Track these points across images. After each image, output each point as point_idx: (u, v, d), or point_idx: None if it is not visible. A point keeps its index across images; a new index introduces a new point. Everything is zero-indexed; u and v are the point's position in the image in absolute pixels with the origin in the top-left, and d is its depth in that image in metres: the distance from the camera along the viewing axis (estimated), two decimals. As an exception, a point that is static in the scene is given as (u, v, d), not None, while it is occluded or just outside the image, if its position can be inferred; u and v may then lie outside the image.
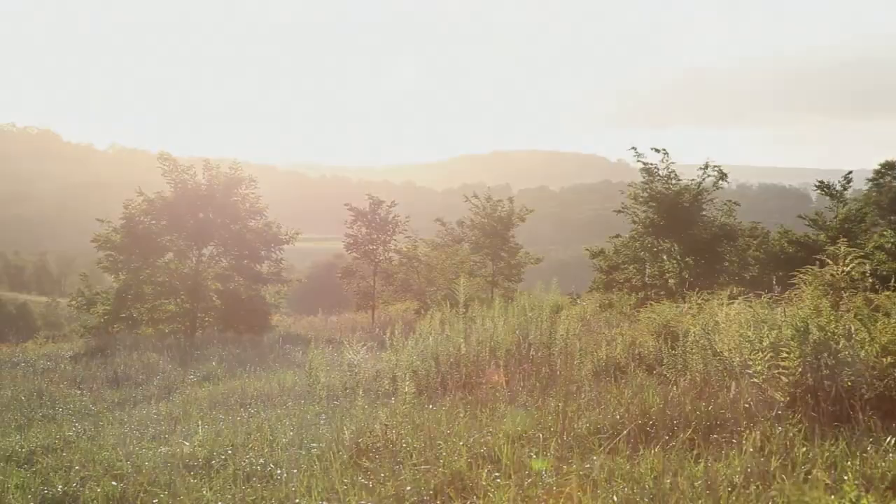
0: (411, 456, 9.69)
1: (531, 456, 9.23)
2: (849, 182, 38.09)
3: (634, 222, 34.23)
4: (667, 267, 33.05)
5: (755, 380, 11.06)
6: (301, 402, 14.82)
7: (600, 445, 9.48)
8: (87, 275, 41.49)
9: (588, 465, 8.77)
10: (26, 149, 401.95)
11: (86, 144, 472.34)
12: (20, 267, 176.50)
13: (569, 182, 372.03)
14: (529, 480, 8.41)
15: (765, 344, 11.12)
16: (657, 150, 34.05)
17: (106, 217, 38.62)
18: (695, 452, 9.13)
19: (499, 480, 8.52)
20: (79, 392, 20.29)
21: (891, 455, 8.62)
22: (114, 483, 10.04)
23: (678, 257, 32.92)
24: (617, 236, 36.31)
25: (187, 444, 11.97)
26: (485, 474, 8.68)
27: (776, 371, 10.87)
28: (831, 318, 11.33)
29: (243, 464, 10.40)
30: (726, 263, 33.45)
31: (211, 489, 9.54)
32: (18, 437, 14.35)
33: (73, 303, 39.41)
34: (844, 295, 14.79)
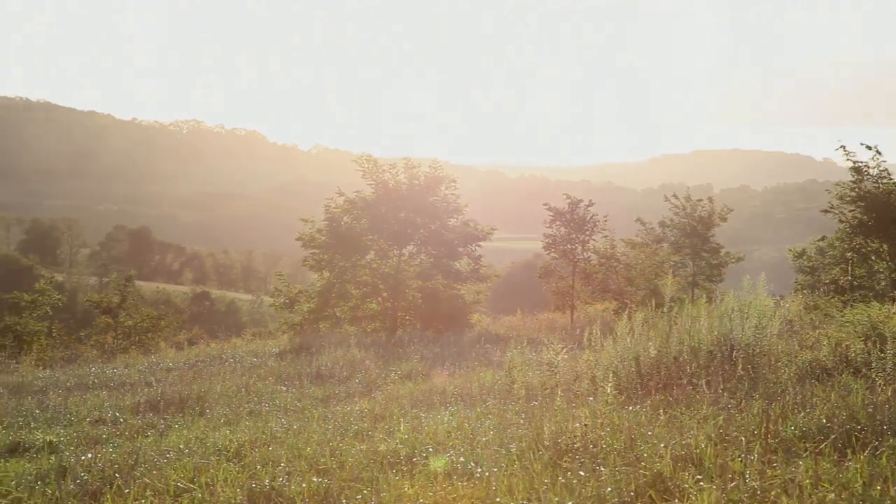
0: (611, 457, 9.64)
1: (735, 459, 9.08)
2: None
3: (842, 222, 33.34)
4: (876, 268, 32.08)
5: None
6: (501, 401, 14.86)
7: (806, 449, 9.27)
8: (282, 274, 42.62)
9: (793, 470, 8.60)
10: (234, 150, 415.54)
11: (291, 145, 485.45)
12: (228, 266, 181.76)
13: (772, 182, 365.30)
14: (733, 484, 8.28)
15: None
16: (868, 148, 33.11)
17: (310, 216, 39.50)
18: (906, 459, 8.86)
19: (701, 483, 8.41)
20: (284, 388, 20.75)
21: None
22: (316, 479, 10.23)
23: (888, 258, 31.93)
24: (822, 239, 35.41)
25: (389, 441, 12.14)
26: (687, 477, 8.59)
27: None
28: None
29: (444, 461, 10.49)
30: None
31: (412, 486, 9.65)
32: (227, 431, 14.75)
33: (274, 303, 40.47)
34: None
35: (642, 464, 9.22)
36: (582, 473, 9.19)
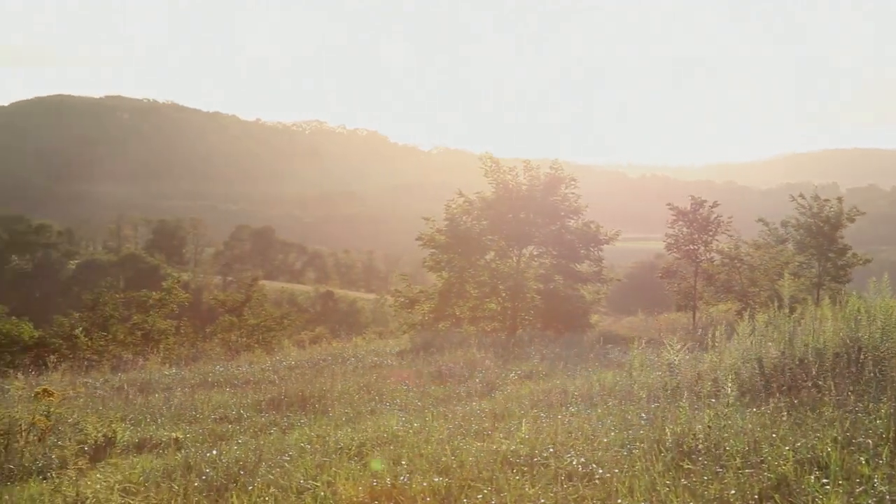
0: (735, 459, 9.51)
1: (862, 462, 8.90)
2: None
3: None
4: None
5: None
6: (621, 401, 14.74)
7: (937, 454, 9.05)
8: (405, 275, 42.94)
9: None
10: (356, 150, 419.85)
11: (411, 146, 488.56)
12: (350, 265, 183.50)
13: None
14: (860, 489, 8.12)
15: None
16: None
17: (430, 217, 39.72)
18: None
19: (827, 487, 8.26)
20: (405, 387, 20.84)
21: None
22: (436, 478, 10.24)
23: None
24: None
25: (509, 441, 12.12)
26: (812, 480, 8.44)
27: None
28: None
29: (564, 462, 10.45)
30: None
31: (532, 486, 9.63)
32: (349, 429, 14.85)
33: (395, 303, 40.82)
34: None
35: (766, 467, 9.09)
36: (704, 476, 9.10)
